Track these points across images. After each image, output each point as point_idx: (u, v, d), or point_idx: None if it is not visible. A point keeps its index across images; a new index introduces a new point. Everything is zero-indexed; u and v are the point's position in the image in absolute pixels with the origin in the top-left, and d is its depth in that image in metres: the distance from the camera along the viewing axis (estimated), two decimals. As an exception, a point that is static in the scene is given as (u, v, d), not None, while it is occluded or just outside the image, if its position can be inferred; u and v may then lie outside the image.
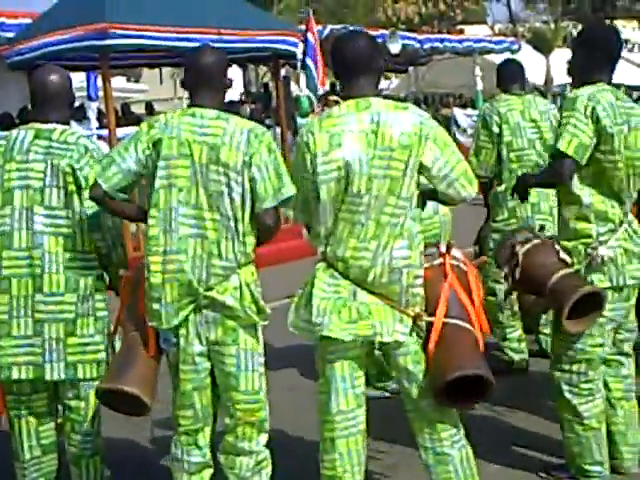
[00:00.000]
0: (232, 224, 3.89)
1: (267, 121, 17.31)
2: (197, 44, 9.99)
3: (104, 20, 9.67)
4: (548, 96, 23.48)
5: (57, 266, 4.17)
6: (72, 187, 4.16)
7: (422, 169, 3.88)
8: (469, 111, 20.35)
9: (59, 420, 4.50)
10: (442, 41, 22.72)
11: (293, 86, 19.86)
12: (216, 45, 9.85)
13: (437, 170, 3.88)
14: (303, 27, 13.25)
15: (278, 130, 14.86)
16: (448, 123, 20.93)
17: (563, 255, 4.30)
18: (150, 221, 3.95)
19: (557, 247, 4.35)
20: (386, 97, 4.10)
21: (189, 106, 4.06)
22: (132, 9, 10.05)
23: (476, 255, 6.35)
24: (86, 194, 4.12)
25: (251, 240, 3.97)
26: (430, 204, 4.23)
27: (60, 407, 4.47)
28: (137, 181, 4.02)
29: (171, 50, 10.52)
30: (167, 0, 10.60)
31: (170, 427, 4.24)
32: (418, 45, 21.84)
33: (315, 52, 12.70)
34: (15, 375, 4.22)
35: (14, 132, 4.33)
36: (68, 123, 4.40)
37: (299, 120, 16.72)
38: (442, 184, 3.90)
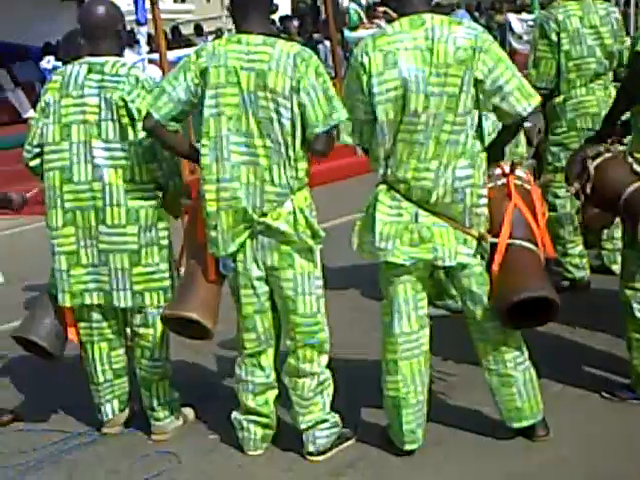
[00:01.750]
0: (283, 150, 3.89)
1: (316, 35, 17.18)
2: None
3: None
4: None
5: (118, 198, 4.23)
6: (125, 119, 4.19)
7: (476, 83, 3.82)
8: (524, 16, 19.75)
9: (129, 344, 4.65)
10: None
11: (342, -1, 19.61)
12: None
13: (490, 83, 3.80)
14: None
15: (327, 44, 14.73)
16: (502, 30, 20.53)
17: (637, 167, 4.19)
18: (202, 150, 3.97)
19: (630, 160, 4.22)
20: (438, 4, 4.03)
21: (236, 32, 4.03)
22: None
23: (534, 169, 6.26)
24: (140, 125, 4.15)
25: (303, 165, 3.96)
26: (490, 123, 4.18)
27: (130, 333, 4.62)
28: (188, 110, 4.02)
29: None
30: None
31: (234, 348, 4.33)
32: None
33: None
34: (87, 300, 4.37)
35: (68, 67, 4.36)
36: (121, 54, 4.41)
37: (347, 33, 16.56)
38: (495, 98, 3.82)
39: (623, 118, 4.48)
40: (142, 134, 4.17)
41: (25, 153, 4.43)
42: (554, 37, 5.79)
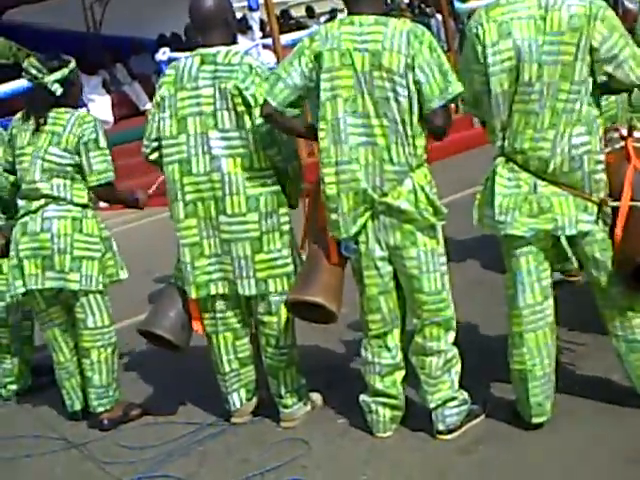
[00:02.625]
0: (400, 128, 3.88)
1: (427, 10, 17.03)
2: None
3: None
4: None
5: (237, 187, 4.28)
6: (241, 107, 4.22)
7: (592, 50, 3.75)
8: (638, -27, 19.21)
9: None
10: None
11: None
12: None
13: (605, 51, 3.74)
14: None
15: (439, 17, 14.58)
16: (616, -10, 19.93)
17: None
18: (320, 134, 3.99)
19: None
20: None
21: (348, 14, 4.03)
22: None
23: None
24: (256, 112, 4.18)
25: (421, 142, 3.95)
26: None
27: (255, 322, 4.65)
28: (305, 95, 4.04)
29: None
30: None
31: (358, 330, 4.33)
32: None
33: None
34: (213, 291, 4.43)
35: (182, 61, 4.41)
36: (233, 43, 4.45)
37: (458, 5, 16.32)
38: (610, 66, 3.77)
39: None
40: (259, 121, 4.21)
41: (144, 148, 4.52)
42: None
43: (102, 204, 5.31)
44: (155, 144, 4.46)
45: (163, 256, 6.13)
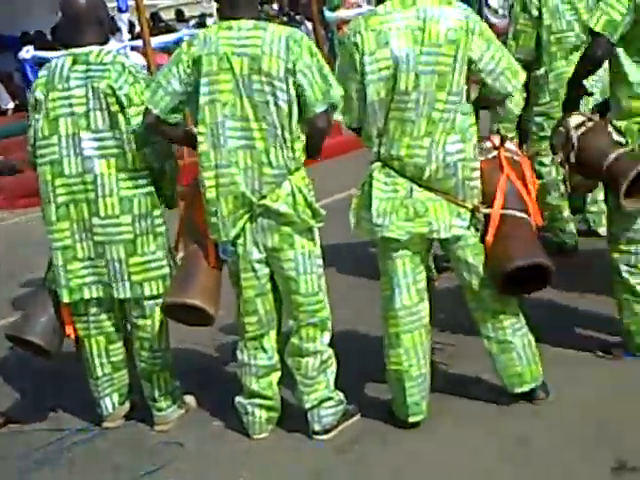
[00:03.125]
0: (279, 132, 3.92)
1: (297, 17, 17.15)
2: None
3: None
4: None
5: (110, 188, 4.23)
6: (115, 107, 4.18)
7: (470, 63, 3.89)
8: (499, -10, 19.85)
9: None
10: None
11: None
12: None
13: (484, 64, 3.90)
14: None
15: (309, 25, 14.67)
16: (479, 5, 20.51)
17: (616, 136, 4.28)
18: (199, 138, 4.00)
19: (610, 129, 4.31)
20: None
21: (226, 19, 4.04)
22: None
23: (519, 140, 6.31)
24: (130, 111, 4.16)
25: (299, 145, 3.99)
26: None
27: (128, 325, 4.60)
28: (186, 100, 4.04)
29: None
30: None
31: (233, 333, 4.35)
32: None
33: None
34: (87, 295, 4.36)
35: (53, 61, 4.34)
36: (106, 42, 4.40)
37: (327, 14, 16.51)
38: (488, 77, 3.94)
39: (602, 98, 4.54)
40: (134, 120, 4.18)
41: (28, 155, 4.44)
42: (535, 12, 5.98)
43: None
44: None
45: (27, 259, 5.98)
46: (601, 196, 5.13)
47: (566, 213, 6.26)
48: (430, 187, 3.96)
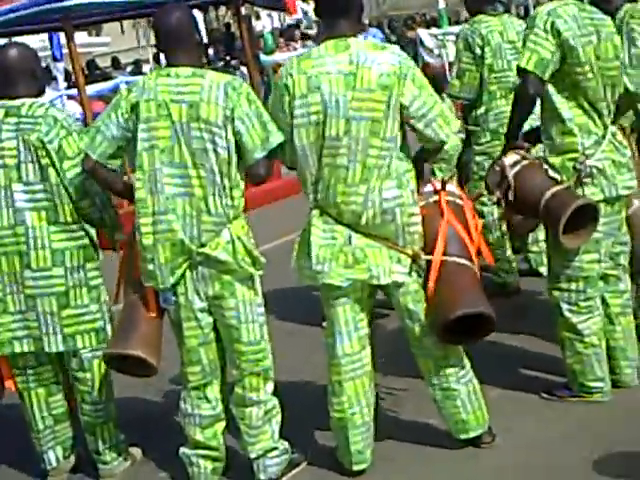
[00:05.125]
0: (218, 179, 3.90)
1: (233, 62, 17.23)
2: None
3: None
4: (512, 8, 23.25)
5: (42, 241, 4.18)
6: (45, 160, 4.16)
7: (401, 108, 3.88)
8: (434, 30, 20.15)
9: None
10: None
11: (255, 23, 19.66)
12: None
13: (415, 109, 3.89)
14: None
15: (244, 70, 14.72)
16: (414, 45, 20.80)
17: (552, 173, 4.29)
18: (136, 184, 3.96)
19: (545, 166, 4.34)
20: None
21: (165, 66, 4.05)
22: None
23: (459, 179, 6.35)
24: (65, 165, 4.14)
25: (238, 193, 3.97)
26: None
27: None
28: (124, 146, 4.01)
29: (131, 4, 10.37)
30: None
31: (178, 383, 4.29)
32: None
33: None
34: (17, 349, 4.29)
35: None
36: (41, 94, 4.38)
37: (263, 58, 16.63)
38: (420, 123, 3.92)
39: (529, 126, 4.59)
40: (70, 173, 4.16)
41: None
42: (478, 51, 6.04)
43: None
44: None
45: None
46: (542, 236, 5.18)
47: (508, 253, 6.28)
48: (369, 233, 3.94)
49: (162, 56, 4.31)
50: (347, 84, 3.85)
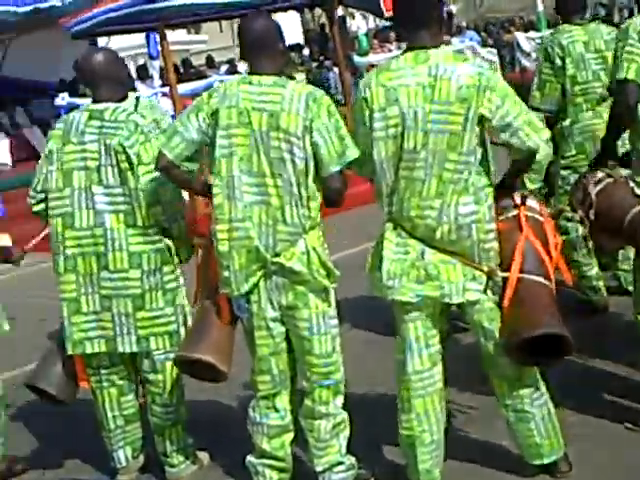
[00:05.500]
0: (295, 189, 3.88)
1: (326, 63, 17.23)
2: (245, -1, 10.01)
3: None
4: (614, 11, 22.76)
5: (120, 243, 4.24)
6: (125, 165, 4.21)
7: (483, 121, 3.79)
8: (532, 34, 19.83)
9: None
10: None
11: (349, 23, 19.63)
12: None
13: (498, 120, 3.78)
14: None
15: (337, 71, 14.73)
16: (511, 49, 20.54)
17: (638, 190, 4.16)
18: (214, 190, 3.97)
19: (632, 184, 4.20)
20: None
21: (248, 74, 4.04)
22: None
23: (546, 192, 6.20)
24: (140, 170, 4.19)
25: (315, 204, 3.95)
26: None
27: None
28: (200, 151, 4.03)
29: (224, 6, 10.45)
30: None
31: (250, 390, 4.28)
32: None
33: None
34: (88, 349, 4.35)
35: (71, 115, 4.41)
36: (124, 99, 4.42)
37: (356, 59, 16.59)
38: (505, 134, 3.80)
39: (623, 150, 4.45)
40: (143, 179, 4.20)
41: (29, 199, 4.47)
42: (558, 61, 5.85)
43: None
44: (41, 196, 4.42)
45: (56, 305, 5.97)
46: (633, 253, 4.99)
47: (595, 270, 6.05)
48: (443, 249, 3.86)
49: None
50: (425, 96, 3.79)
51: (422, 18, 3.89)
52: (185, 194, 4.44)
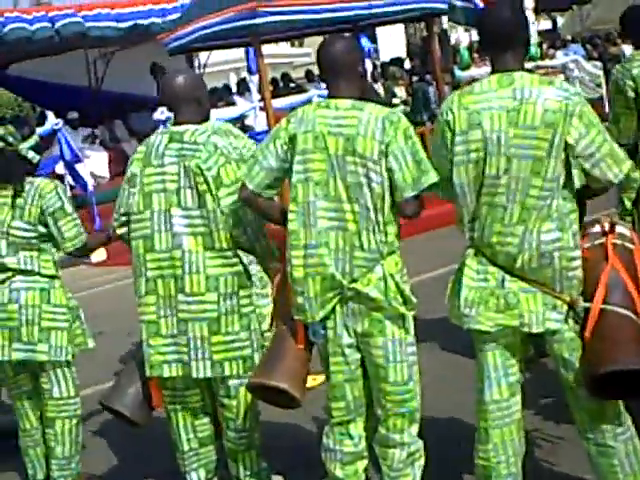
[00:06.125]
0: (372, 215, 3.84)
1: (427, 76, 17.12)
2: (347, 13, 9.99)
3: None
4: None
5: (197, 266, 4.23)
6: (203, 187, 4.20)
7: (567, 148, 3.69)
8: (640, 46, 19.33)
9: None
10: (606, -24, 21.85)
11: (452, 36, 19.51)
12: (365, 12, 9.72)
13: (582, 148, 3.67)
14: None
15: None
16: (618, 62, 20.09)
17: None
18: (290, 215, 3.95)
19: None
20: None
21: (326, 97, 4.01)
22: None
23: (634, 222, 6.00)
24: (222, 192, 4.18)
25: (393, 229, 3.89)
26: None
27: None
28: (281, 177, 4.02)
29: (322, 22, 10.43)
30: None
31: (324, 414, 4.24)
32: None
33: None
34: (166, 373, 4.35)
35: (152, 137, 4.42)
36: (205, 120, 4.43)
37: (458, 73, 16.44)
38: (587, 163, 3.70)
39: None
40: (224, 201, 4.19)
41: (113, 222, 4.51)
42: (631, 94, 5.52)
43: (94, 259, 5.32)
44: (124, 218, 4.45)
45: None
46: None
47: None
48: (524, 277, 3.76)
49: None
50: (509, 120, 3.69)
51: (507, 41, 3.80)
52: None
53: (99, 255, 5.22)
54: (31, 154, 4.82)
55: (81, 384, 5.08)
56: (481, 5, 12.43)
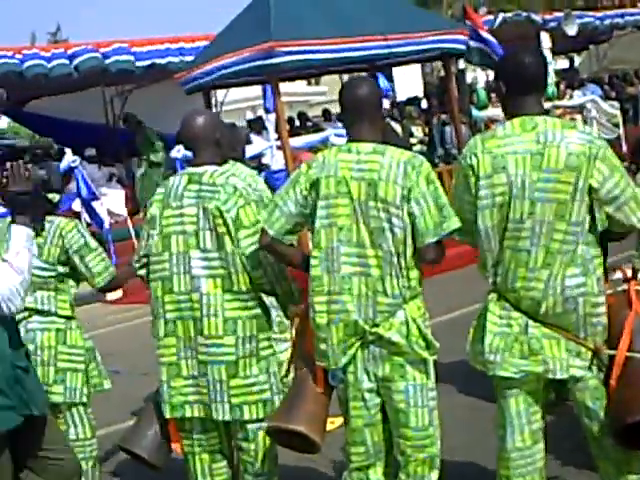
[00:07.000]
0: (395, 259, 3.81)
1: (443, 116, 17.13)
2: (363, 52, 10.03)
3: (270, 39, 9.71)
4: None
5: (215, 309, 4.20)
6: (222, 229, 4.18)
7: (591, 191, 3.67)
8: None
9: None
10: (622, 16, 21.92)
11: (469, 75, 19.51)
12: (382, 51, 9.76)
13: (606, 192, 3.67)
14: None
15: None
16: (635, 102, 20.09)
17: None
18: (312, 261, 3.92)
19: None
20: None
21: (347, 141, 4.00)
22: (296, 25, 10.02)
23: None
24: (241, 234, 4.15)
25: (415, 274, 3.86)
26: None
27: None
28: (301, 223, 4.00)
29: (340, 62, 10.49)
30: (330, 12, 10.47)
31: (343, 457, 4.19)
32: (597, 22, 21.18)
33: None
34: (188, 413, 4.31)
35: (171, 179, 4.41)
36: (223, 162, 4.41)
37: (475, 112, 16.43)
38: (610, 207, 3.69)
39: None
40: (245, 242, 4.16)
41: (134, 263, 4.49)
42: None
43: (109, 297, 5.30)
44: (144, 260, 4.43)
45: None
46: None
47: None
48: (547, 323, 3.72)
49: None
50: (534, 164, 3.68)
51: (530, 85, 3.81)
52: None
53: (115, 293, 5.21)
54: (52, 194, 4.81)
55: (96, 424, 5.04)
56: (495, 43, 12.46)
